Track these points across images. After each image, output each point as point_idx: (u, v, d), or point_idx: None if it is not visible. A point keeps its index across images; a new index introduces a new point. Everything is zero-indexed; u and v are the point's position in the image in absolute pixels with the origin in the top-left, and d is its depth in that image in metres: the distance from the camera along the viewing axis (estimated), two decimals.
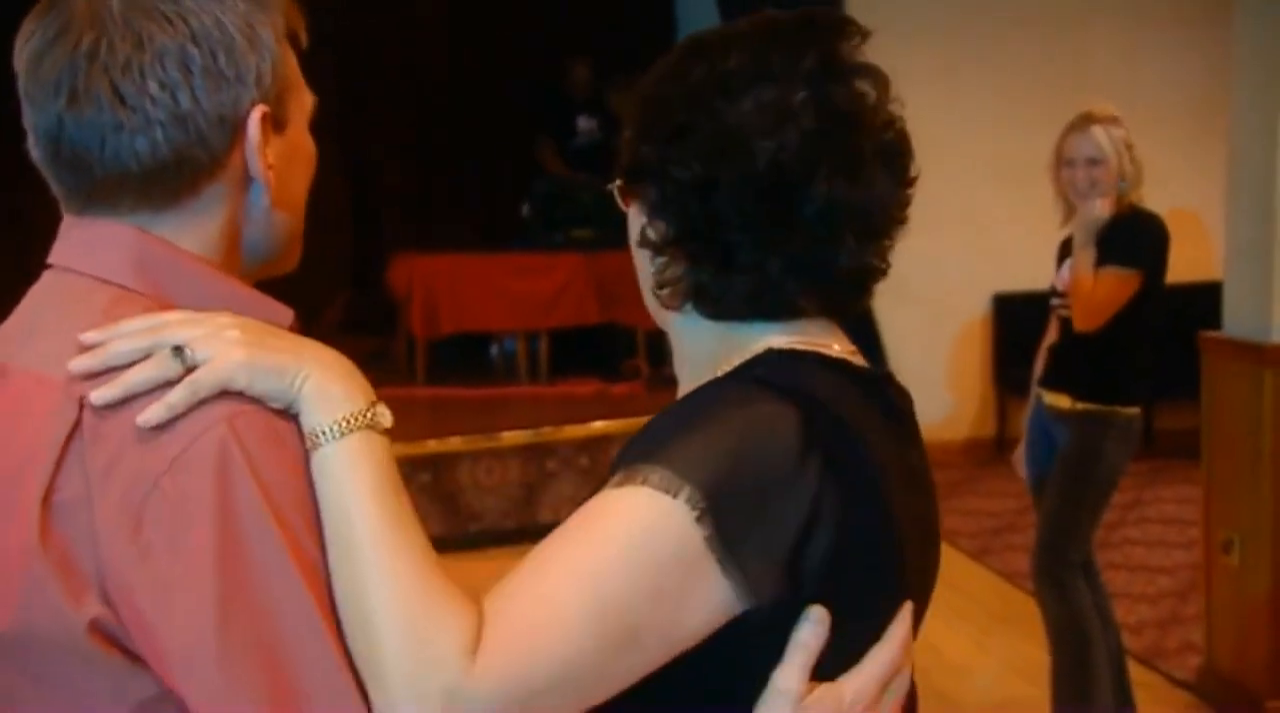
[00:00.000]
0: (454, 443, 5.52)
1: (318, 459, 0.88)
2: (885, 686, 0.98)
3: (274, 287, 1.06)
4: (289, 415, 0.89)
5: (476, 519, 5.44)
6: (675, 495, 0.89)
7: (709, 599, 0.90)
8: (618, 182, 1.09)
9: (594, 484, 1.32)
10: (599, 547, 0.89)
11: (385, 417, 0.91)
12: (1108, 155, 3.27)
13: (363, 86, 7.41)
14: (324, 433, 0.88)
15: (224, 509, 0.83)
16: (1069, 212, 3.37)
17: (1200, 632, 3.93)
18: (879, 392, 1.05)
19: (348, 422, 0.88)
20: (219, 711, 0.82)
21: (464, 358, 7.05)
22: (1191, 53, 6.48)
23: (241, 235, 1.00)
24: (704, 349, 1.07)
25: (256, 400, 0.88)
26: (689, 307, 1.05)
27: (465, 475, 5.50)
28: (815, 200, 0.99)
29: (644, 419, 1.13)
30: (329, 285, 7.31)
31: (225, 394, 0.87)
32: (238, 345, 0.87)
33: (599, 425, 5.75)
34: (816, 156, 0.99)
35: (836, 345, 1.06)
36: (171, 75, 0.92)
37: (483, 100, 7.76)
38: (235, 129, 0.95)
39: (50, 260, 0.99)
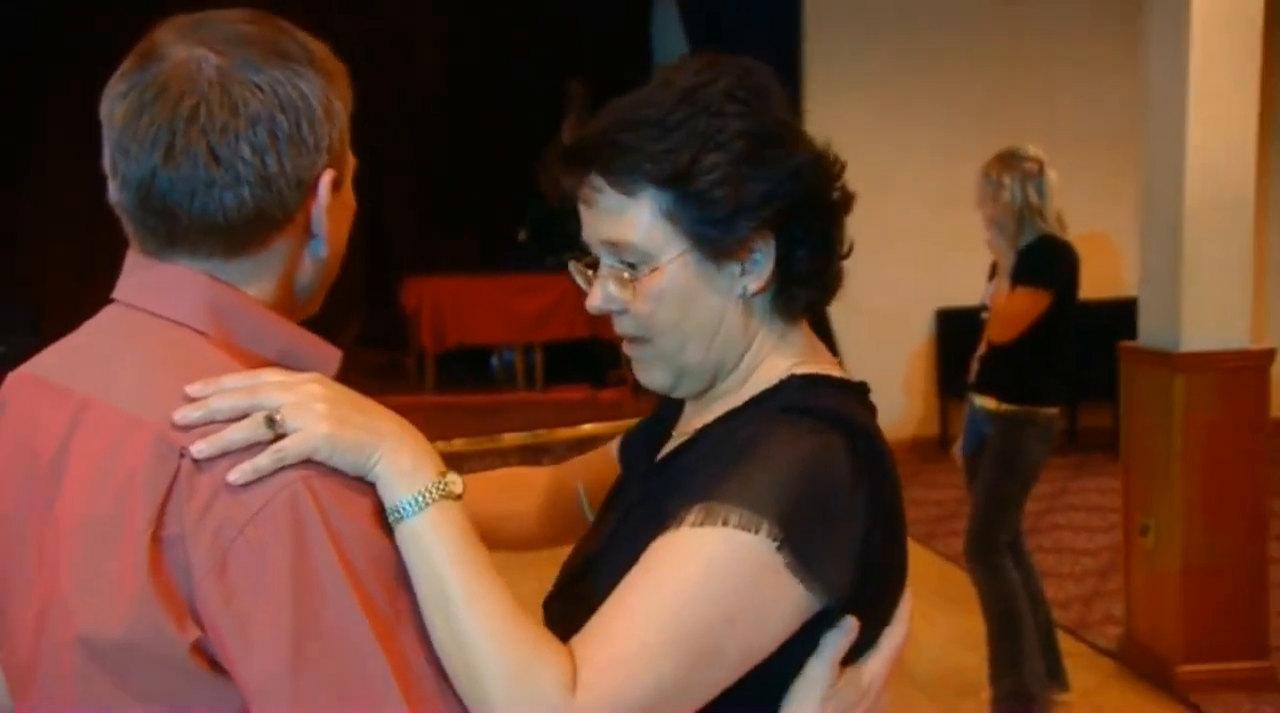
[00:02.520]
0: (459, 444, 5.51)
1: (402, 533, 0.87)
2: (895, 664, 1.01)
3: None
4: (359, 479, 0.89)
5: None
6: (756, 532, 0.90)
7: (790, 610, 0.92)
8: (613, 269, 1.02)
9: None
10: (683, 581, 0.89)
11: (456, 484, 0.90)
12: (980, 198, 3.35)
13: (373, 130, 7.39)
14: (404, 508, 0.87)
15: (299, 558, 0.83)
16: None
17: (1120, 606, 3.95)
18: (867, 401, 1.06)
19: (424, 496, 0.88)
20: None
21: (468, 368, 7.05)
22: (1108, 94, 6.53)
23: (295, 281, 0.99)
24: (727, 369, 1.05)
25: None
26: (766, 325, 1.04)
27: (470, 473, 5.49)
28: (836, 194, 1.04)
29: (628, 422, 1.12)
30: (347, 305, 7.29)
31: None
32: (323, 420, 0.86)
33: (588, 427, 5.75)
34: (833, 156, 1.04)
35: (834, 366, 1.07)
36: (261, 140, 0.91)
37: (481, 138, 7.77)
38: (308, 190, 0.95)
39: (117, 296, 0.97)
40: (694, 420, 1.08)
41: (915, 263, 6.43)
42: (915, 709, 3.45)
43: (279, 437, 0.85)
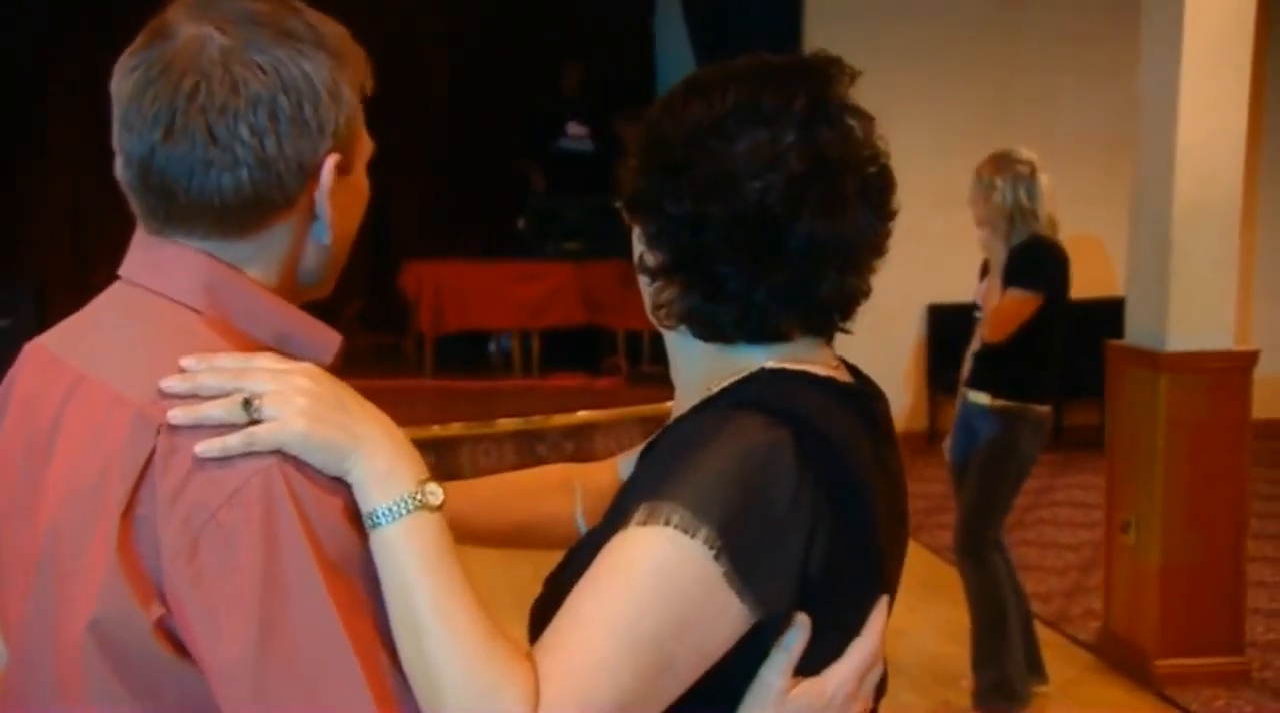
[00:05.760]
0: (456, 428, 5.51)
1: (375, 541, 0.85)
2: (863, 676, 0.97)
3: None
4: (336, 478, 0.86)
5: None
6: (694, 536, 0.87)
7: (730, 620, 0.89)
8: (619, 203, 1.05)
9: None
10: (630, 586, 0.87)
11: (435, 495, 0.86)
12: (972, 198, 3.35)
13: (374, 116, 7.38)
14: (379, 516, 0.84)
15: (270, 543, 0.81)
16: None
17: (1100, 600, 3.97)
18: (859, 404, 1.01)
19: (399, 505, 0.85)
20: None
21: (466, 353, 7.04)
22: (1104, 99, 6.53)
23: (299, 265, 0.97)
24: (697, 365, 1.02)
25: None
26: (682, 327, 1.01)
27: (465, 457, 5.49)
28: (798, 237, 0.94)
29: (624, 410, 1.10)
30: (349, 289, 7.26)
31: None
32: (300, 416, 0.84)
33: (583, 414, 5.76)
34: (800, 198, 0.94)
35: (821, 363, 1.01)
36: (261, 122, 0.88)
37: (483, 128, 7.75)
38: (310, 174, 0.92)
39: (122, 273, 0.96)
40: (676, 411, 1.06)
41: (908, 259, 6.37)
42: (897, 697, 3.47)
43: (255, 421, 0.83)
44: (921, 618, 4.01)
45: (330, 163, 0.92)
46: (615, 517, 0.93)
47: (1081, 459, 6.04)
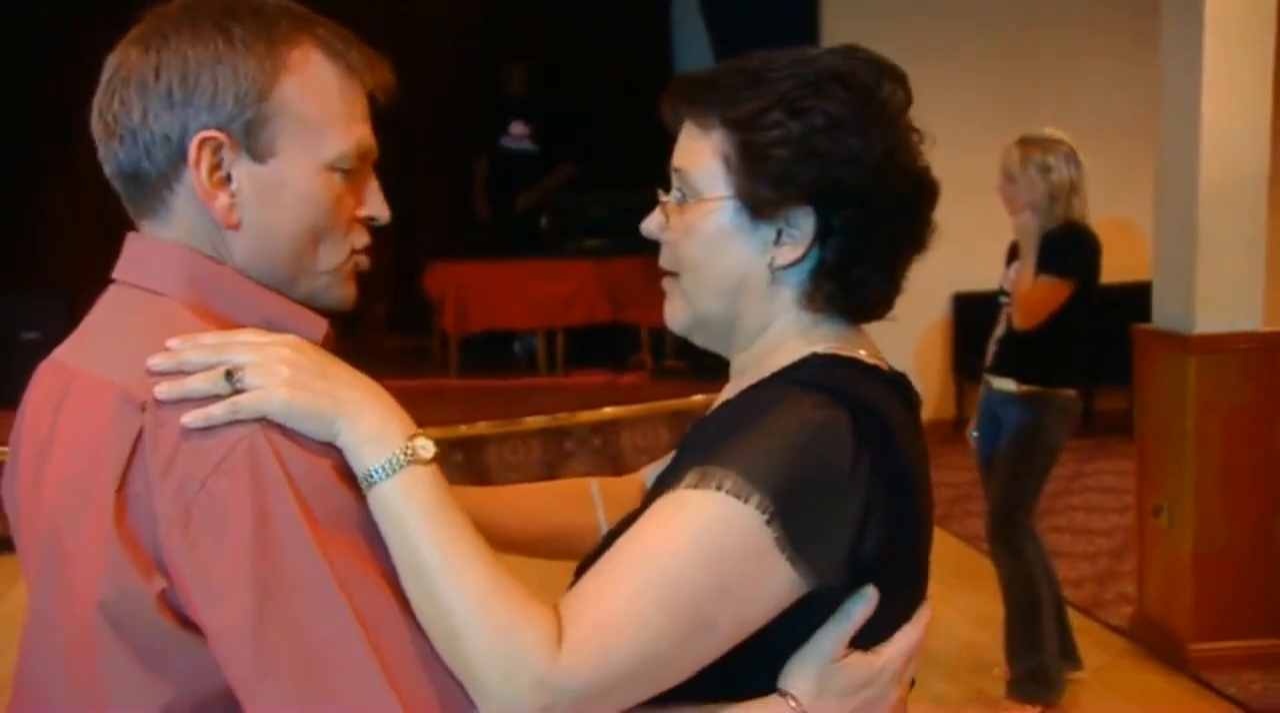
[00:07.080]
0: (483, 427, 5.53)
1: (373, 500, 0.86)
2: (910, 661, 0.98)
3: None
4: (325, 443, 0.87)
5: None
6: (746, 501, 0.86)
7: (778, 587, 0.88)
8: (668, 198, 1.03)
9: (605, 462, 1.31)
10: (672, 544, 0.86)
11: (426, 449, 0.87)
12: (1014, 175, 3.29)
13: (399, 119, 7.40)
14: (373, 475, 0.85)
15: (258, 509, 0.82)
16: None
17: (1133, 585, 3.94)
18: (901, 392, 1.02)
19: (391, 462, 0.85)
20: (254, 690, 0.82)
21: (491, 353, 7.04)
22: (1123, 83, 6.47)
23: (233, 258, 0.95)
24: (771, 355, 1.02)
25: None
26: (816, 313, 1.01)
27: (493, 455, 5.50)
28: (930, 216, 1.03)
29: (649, 405, 1.11)
30: (374, 290, 7.30)
31: None
32: (282, 385, 0.85)
33: (609, 411, 5.76)
34: (934, 180, 1.02)
35: (865, 350, 1.02)
36: (130, 95, 0.92)
37: (504, 127, 7.76)
38: (180, 151, 0.92)
39: (114, 276, 0.98)
40: (722, 397, 1.06)
41: (932, 248, 6.39)
42: (930, 687, 3.46)
43: (238, 392, 0.85)
44: (952, 607, 3.99)
45: (197, 138, 0.91)
46: (662, 486, 0.93)
47: (1112, 445, 5.99)
